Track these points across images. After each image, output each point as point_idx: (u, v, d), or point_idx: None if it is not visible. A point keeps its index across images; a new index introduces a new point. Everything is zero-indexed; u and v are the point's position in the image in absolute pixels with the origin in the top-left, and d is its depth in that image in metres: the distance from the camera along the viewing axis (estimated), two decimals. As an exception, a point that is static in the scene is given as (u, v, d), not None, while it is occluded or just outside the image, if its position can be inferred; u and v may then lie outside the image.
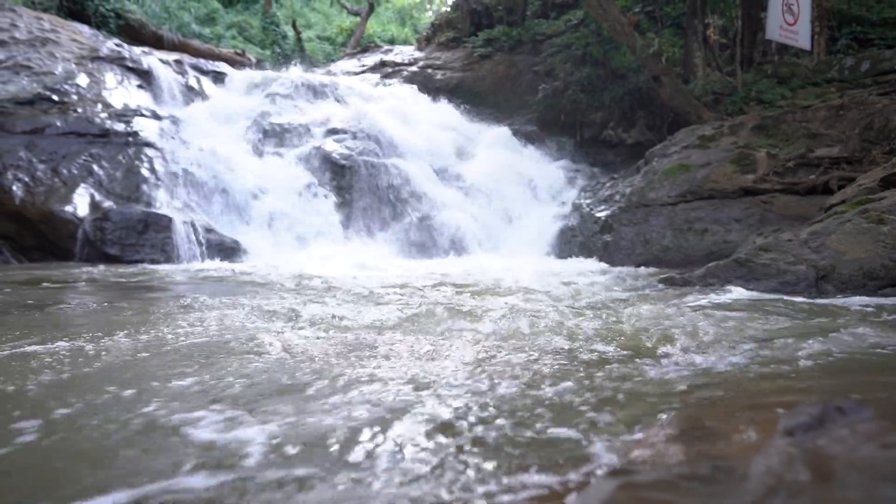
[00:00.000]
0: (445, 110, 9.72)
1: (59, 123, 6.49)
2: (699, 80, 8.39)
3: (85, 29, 8.86)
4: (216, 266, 5.45)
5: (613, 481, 0.79)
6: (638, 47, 8.01)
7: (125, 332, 2.32)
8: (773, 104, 7.53)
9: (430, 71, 11.06)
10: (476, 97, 10.51)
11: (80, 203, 5.84)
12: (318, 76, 10.22)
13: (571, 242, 6.76)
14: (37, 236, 5.79)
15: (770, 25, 7.37)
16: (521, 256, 6.59)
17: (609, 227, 6.35)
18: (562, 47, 9.93)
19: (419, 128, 8.81)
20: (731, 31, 9.23)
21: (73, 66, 7.50)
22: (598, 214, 6.60)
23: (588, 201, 7.08)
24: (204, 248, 5.91)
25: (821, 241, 3.75)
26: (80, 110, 6.82)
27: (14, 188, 5.75)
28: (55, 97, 6.86)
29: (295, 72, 10.16)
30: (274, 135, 8.01)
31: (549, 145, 9.48)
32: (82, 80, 7.36)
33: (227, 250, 6.01)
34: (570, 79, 9.57)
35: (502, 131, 9.39)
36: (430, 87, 10.47)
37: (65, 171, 6.09)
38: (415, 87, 10.39)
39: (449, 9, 13.70)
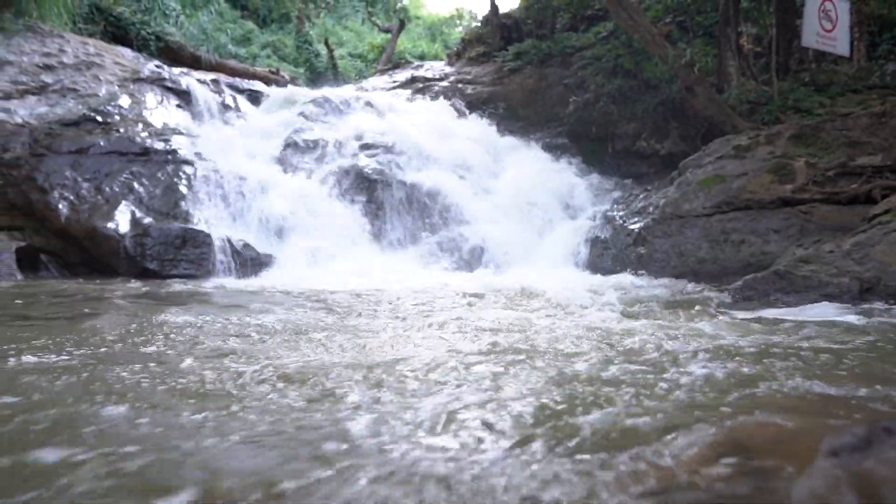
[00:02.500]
0: (476, 124, 9.74)
1: (102, 143, 6.73)
2: (733, 90, 8.23)
3: (127, 52, 9.20)
4: (252, 282, 5.55)
5: (651, 502, 0.77)
6: (670, 57, 7.92)
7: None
8: (812, 112, 7.34)
9: (460, 86, 11.13)
10: (506, 111, 10.52)
11: (122, 220, 6.03)
12: (350, 92, 10.39)
13: (604, 255, 6.67)
14: (81, 252, 6.00)
15: (806, 32, 7.20)
16: (554, 269, 6.52)
17: (643, 240, 6.25)
18: (592, 59, 9.88)
19: (450, 142, 8.86)
20: (766, 39, 9.05)
21: (116, 87, 7.79)
22: (632, 226, 6.50)
23: (621, 213, 6.99)
24: (239, 263, 6.03)
25: (864, 251, 3.62)
26: (122, 130, 7.07)
27: (60, 206, 5.98)
28: (99, 118, 7.13)
29: (328, 89, 10.34)
30: (307, 151, 8.15)
31: (580, 158, 9.41)
32: (124, 100, 7.64)
33: (261, 265, 6.11)
34: (601, 91, 9.51)
35: (533, 147, 9.38)
36: (461, 102, 10.53)
37: (107, 189, 6.31)
38: (446, 101, 10.46)
39: (478, 24, 13.81)
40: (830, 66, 8.70)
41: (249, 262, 6.10)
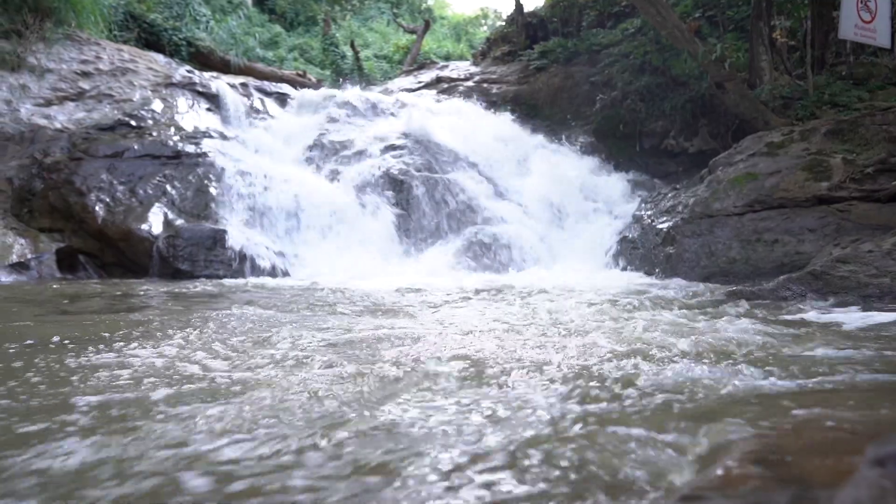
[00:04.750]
0: (502, 124, 9.71)
1: (136, 147, 6.90)
2: (766, 85, 8.04)
3: (160, 58, 9.42)
4: (280, 281, 5.62)
5: (684, 508, 0.75)
6: (699, 53, 7.78)
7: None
8: (849, 107, 7.12)
9: (485, 85, 11.11)
10: (532, 110, 10.46)
11: (155, 221, 6.17)
12: (375, 94, 10.46)
13: (632, 255, 6.59)
14: (116, 253, 6.16)
15: (844, 24, 6.99)
16: (581, 270, 6.47)
17: (671, 239, 6.15)
18: (619, 57, 9.76)
19: (476, 142, 8.85)
20: (800, 32, 8.82)
21: (149, 92, 7.98)
22: (660, 226, 6.41)
23: (649, 213, 6.89)
24: (267, 263, 6.12)
25: (906, 251, 3.50)
26: (154, 134, 7.24)
27: (97, 208, 6.15)
28: (133, 122, 7.31)
29: (353, 90, 10.43)
30: (333, 152, 8.24)
31: (607, 156, 9.31)
32: (157, 105, 7.82)
33: (288, 265, 6.20)
34: (628, 88, 9.38)
35: (559, 146, 9.32)
36: (487, 101, 10.51)
37: (141, 192, 6.47)
38: (471, 100, 10.46)
39: (504, 23, 13.76)
40: (869, 58, 8.43)
41: (278, 262, 6.18)
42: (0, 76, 6.96)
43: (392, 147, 8.30)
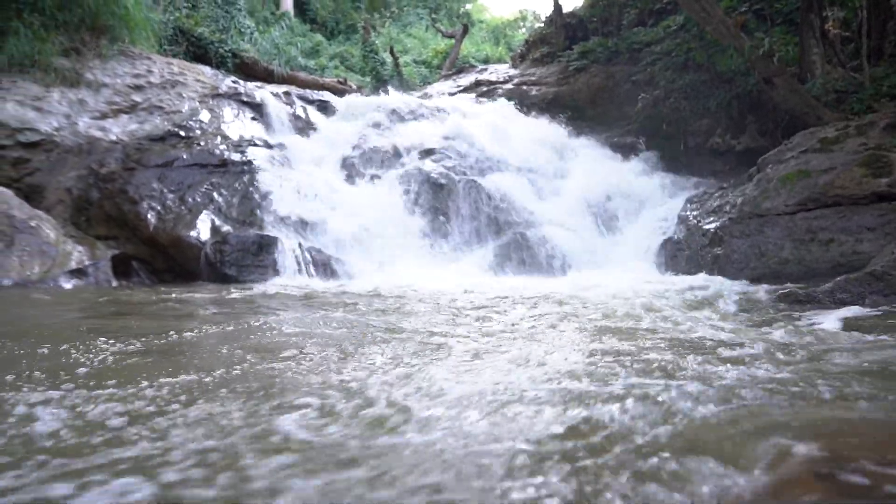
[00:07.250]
0: (542, 125, 9.63)
1: (185, 156, 7.14)
2: (818, 79, 7.73)
3: (207, 69, 9.73)
4: (325, 285, 5.71)
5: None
6: (746, 48, 7.54)
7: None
8: (910, 99, 6.78)
9: (524, 87, 11.04)
10: (573, 111, 10.34)
11: (203, 228, 6.36)
12: (415, 98, 10.52)
13: (678, 256, 6.43)
14: (167, 260, 6.38)
15: (902, 13, 6.65)
16: (626, 272, 6.34)
17: (719, 240, 5.97)
18: (662, 55, 9.55)
19: (516, 144, 8.80)
20: (855, 22, 8.44)
21: (197, 103, 8.24)
22: (707, 226, 6.23)
23: (695, 213, 6.71)
24: (311, 268, 6.22)
25: (976, 250, 3.30)
26: (202, 143, 7.47)
27: (149, 216, 6.39)
28: (182, 133, 7.56)
29: (393, 96, 10.53)
30: (374, 157, 8.32)
31: (651, 156, 9.12)
32: (204, 115, 8.07)
33: (332, 270, 6.28)
34: (671, 86, 9.18)
35: (601, 146, 9.19)
36: (526, 104, 10.45)
37: (190, 200, 6.68)
38: (511, 103, 10.42)
39: (542, 25, 13.66)
40: (930, 48, 8.00)
41: (321, 267, 6.28)
42: (60, 92, 7.31)
43: (432, 151, 8.33)
